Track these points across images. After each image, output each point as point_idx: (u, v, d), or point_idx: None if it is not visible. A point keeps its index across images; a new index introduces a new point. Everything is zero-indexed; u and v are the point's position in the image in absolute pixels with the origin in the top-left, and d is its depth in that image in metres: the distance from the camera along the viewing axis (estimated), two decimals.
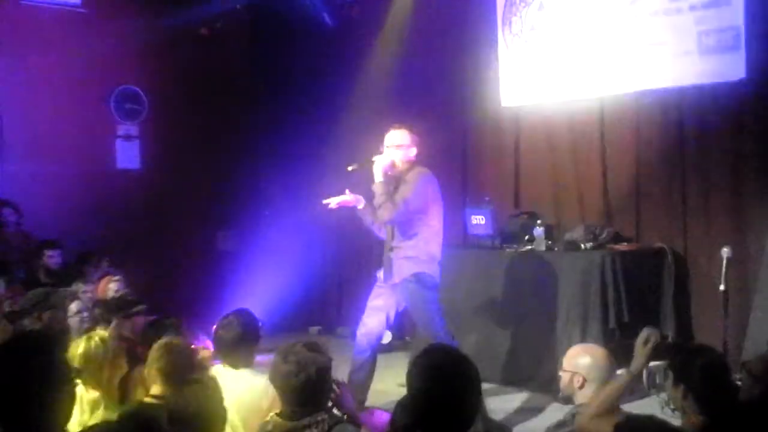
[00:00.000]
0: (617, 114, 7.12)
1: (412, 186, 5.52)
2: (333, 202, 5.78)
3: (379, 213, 5.55)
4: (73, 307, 5.40)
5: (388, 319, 5.72)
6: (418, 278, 5.53)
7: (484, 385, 2.99)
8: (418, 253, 5.56)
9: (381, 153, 5.63)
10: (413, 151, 5.65)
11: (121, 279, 6.42)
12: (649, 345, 3.41)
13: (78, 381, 3.87)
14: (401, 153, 5.61)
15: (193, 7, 9.20)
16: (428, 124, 8.21)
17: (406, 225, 5.57)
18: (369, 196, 5.68)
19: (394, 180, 5.61)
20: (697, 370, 3.15)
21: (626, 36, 6.92)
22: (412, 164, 5.65)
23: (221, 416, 3.19)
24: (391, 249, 5.66)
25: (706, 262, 6.46)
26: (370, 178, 5.59)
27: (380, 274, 5.74)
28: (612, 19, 7.03)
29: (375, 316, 5.69)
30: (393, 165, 5.60)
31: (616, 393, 3.40)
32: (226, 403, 3.21)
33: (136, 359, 4.46)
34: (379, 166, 5.56)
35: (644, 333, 3.49)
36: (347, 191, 5.75)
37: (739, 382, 3.40)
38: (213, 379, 3.36)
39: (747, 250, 6.20)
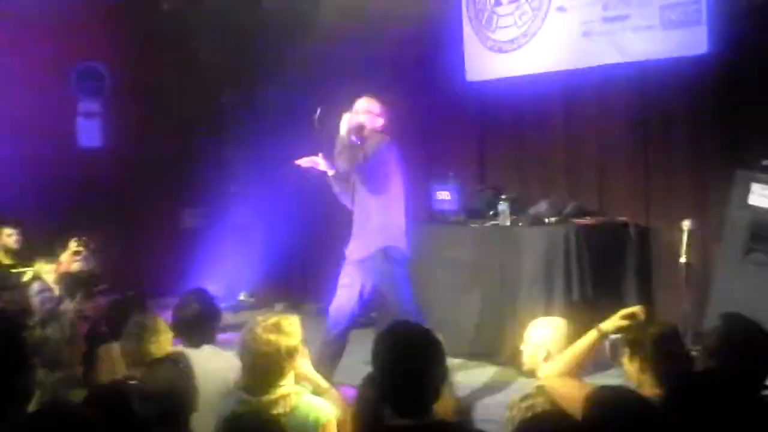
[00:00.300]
0: (580, 88, 7.14)
1: (375, 146, 5.54)
2: (304, 161, 5.79)
3: (339, 162, 5.57)
4: (35, 286, 5.35)
5: (360, 296, 5.72)
6: (385, 254, 5.53)
7: (449, 360, 2.99)
8: (384, 225, 5.57)
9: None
10: (380, 121, 5.69)
11: (83, 257, 6.37)
12: (626, 315, 3.33)
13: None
14: (370, 118, 5.65)
15: None
16: (393, 100, 8.20)
17: (370, 195, 5.58)
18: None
19: (361, 142, 5.58)
20: (650, 341, 3.18)
21: (589, 10, 6.93)
22: (379, 133, 5.67)
23: (192, 394, 3.19)
24: (358, 223, 5.67)
25: (668, 235, 6.52)
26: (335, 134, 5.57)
27: (347, 250, 5.75)
28: None
29: (344, 294, 5.70)
30: (361, 127, 5.59)
31: (585, 350, 3.34)
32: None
33: (100, 339, 4.44)
34: (346, 121, 5.54)
35: (634, 307, 3.42)
36: (320, 155, 5.75)
37: (695, 353, 3.43)
38: (184, 357, 3.36)
39: (708, 223, 6.27)
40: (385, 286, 5.66)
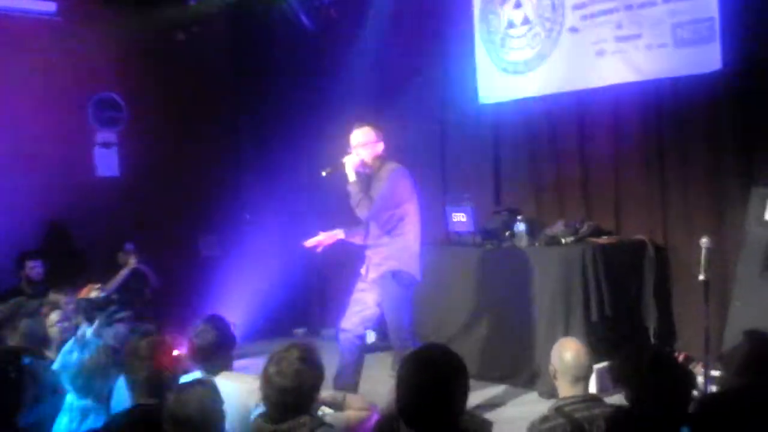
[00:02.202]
0: (595, 108, 7.14)
1: (385, 183, 5.62)
2: (317, 245, 5.93)
3: (358, 211, 5.64)
4: (53, 316, 5.35)
5: (371, 315, 5.77)
6: (395, 275, 5.60)
7: None
8: (396, 251, 5.64)
9: (349, 153, 5.71)
10: (380, 147, 5.74)
11: (102, 287, 6.40)
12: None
13: (65, 389, 3.90)
14: (368, 150, 5.70)
15: (169, 12, 9.15)
16: (407, 123, 8.26)
17: (384, 223, 5.64)
18: (343, 199, 5.82)
19: (367, 178, 5.70)
20: (646, 367, 3.13)
21: (601, 30, 6.95)
22: (382, 160, 5.74)
23: (220, 418, 3.20)
24: (369, 247, 5.73)
25: (686, 252, 6.49)
26: (344, 180, 5.71)
27: (363, 269, 5.82)
28: (587, 14, 7.06)
29: (357, 312, 5.76)
30: (363, 163, 5.69)
31: None
32: None
33: (119, 366, 4.45)
34: (350, 165, 5.65)
35: None
36: (320, 232, 5.93)
37: (716, 372, 3.39)
38: (211, 382, 3.37)
39: (726, 241, 6.23)
40: (385, 305, 5.71)
